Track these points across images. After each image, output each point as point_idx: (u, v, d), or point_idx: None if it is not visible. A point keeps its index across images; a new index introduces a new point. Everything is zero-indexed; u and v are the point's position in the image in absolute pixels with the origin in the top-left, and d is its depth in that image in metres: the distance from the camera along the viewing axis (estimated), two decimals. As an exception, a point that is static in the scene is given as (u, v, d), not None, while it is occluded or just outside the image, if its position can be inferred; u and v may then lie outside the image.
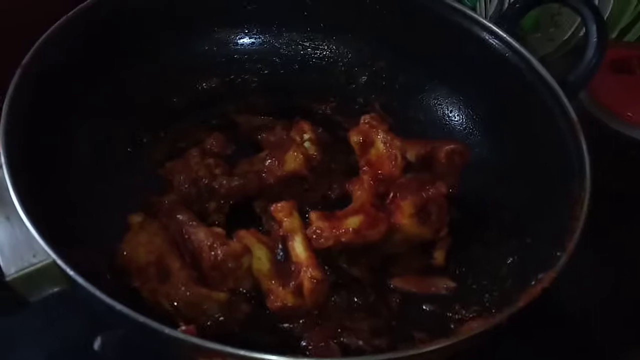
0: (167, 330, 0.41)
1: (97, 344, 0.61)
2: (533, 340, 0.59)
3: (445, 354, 0.44)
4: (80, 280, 0.43)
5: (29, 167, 0.50)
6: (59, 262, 0.44)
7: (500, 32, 0.59)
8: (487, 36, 0.61)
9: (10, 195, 0.47)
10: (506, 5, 0.77)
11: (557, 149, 0.55)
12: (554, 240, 0.49)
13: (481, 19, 0.61)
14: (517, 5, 0.61)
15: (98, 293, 0.43)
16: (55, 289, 0.50)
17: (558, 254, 0.47)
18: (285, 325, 0.53)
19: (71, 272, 0.44)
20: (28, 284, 0.48)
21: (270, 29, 0.69)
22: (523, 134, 0.60)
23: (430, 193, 0.55)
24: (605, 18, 0.63)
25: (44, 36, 0.56)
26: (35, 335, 0.59)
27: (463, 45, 0.63)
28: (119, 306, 0.42)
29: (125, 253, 0.54)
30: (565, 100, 0.55)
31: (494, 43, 0.60)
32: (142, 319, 0.42)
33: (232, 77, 0.68)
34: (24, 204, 0.46)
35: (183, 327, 0.46)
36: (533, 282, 0.47)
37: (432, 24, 0.64)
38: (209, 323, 0.51)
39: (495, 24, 0.60)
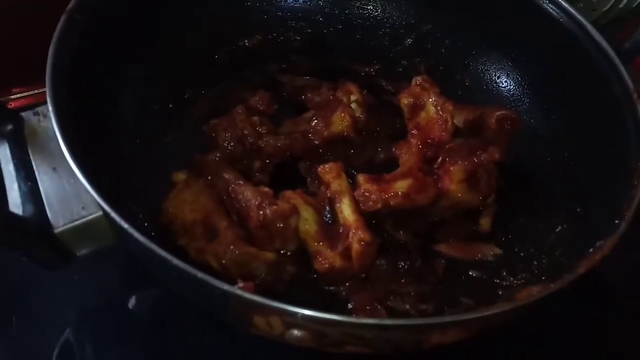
0: (226, 287, 0.40)
1: (131, 303, 0.61)
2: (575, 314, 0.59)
3: (504, 319, 0.44)
4: (137, 234, 0.42)
5: (75, 117, 0.49)
6: (113, 215, 0.43)
7: (555, -4, 0.58)
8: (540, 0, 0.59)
9: (56, 146, 0.45)
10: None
11: (612, 117, 0.54)
12: (610, 209, 0.48)
13: (536, -18, 0.59)
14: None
15: (154, 247, 0.42)
16: (102, 244, 0.49)
17: (616, 221, 0.46)
18: (331, 287, 0.53)
19: (126, 226, 0.42)
20: (76, 236, 0.48)
21: (315, -15, 0.67)
22: (575, 102, 0.58)
23: (482, 158, 0.54)
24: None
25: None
26: (69, 292, 0.59)
27: (514, 8, 0.61)
28: (175, 261, 0.41)
29: (170, 210, 0.53)
30: (621, 67, 0.54)
31: (548, 7, 0.58)
32: (200, 275, 0.41)
33: (274, 34, 0.66)
34: (74, 155, 0.45)
35: (241, 284, 0.45)
36: (591, 250, 0.46)
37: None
38: (255, 283, 0.50)
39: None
